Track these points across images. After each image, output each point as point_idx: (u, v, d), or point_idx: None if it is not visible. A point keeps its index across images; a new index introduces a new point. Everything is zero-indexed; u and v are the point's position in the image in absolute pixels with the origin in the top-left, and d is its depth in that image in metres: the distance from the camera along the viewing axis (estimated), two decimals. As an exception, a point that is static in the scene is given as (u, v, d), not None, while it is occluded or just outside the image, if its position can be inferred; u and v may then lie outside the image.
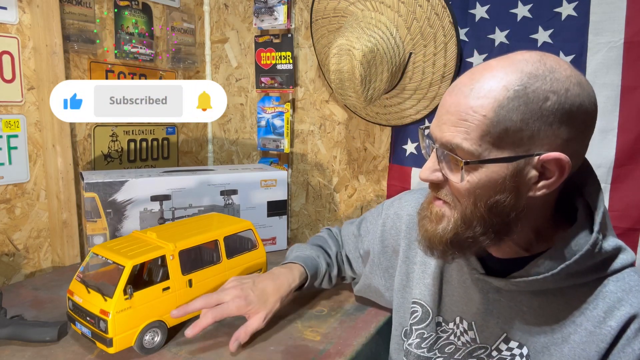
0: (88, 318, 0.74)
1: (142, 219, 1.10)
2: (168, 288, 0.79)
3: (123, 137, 1.38)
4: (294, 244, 1.00)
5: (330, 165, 1.42)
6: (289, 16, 1.37)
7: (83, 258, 1.19)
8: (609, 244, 0.57)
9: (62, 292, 0.88)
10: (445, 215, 0.59)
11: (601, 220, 0.56)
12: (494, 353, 0.64)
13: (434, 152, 0.58)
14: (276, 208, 1.27)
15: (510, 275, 0.60)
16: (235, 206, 1.21)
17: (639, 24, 0.91)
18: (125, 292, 0.72)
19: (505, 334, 0.63)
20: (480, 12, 1.07)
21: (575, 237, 0.56)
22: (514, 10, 1.03)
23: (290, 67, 1.40)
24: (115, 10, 1.31)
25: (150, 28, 1.40)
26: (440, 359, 0.70)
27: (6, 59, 1.08)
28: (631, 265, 0.58)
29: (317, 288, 0.94)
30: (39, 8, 1.09)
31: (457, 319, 0.69)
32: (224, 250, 0.89)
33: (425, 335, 0.72)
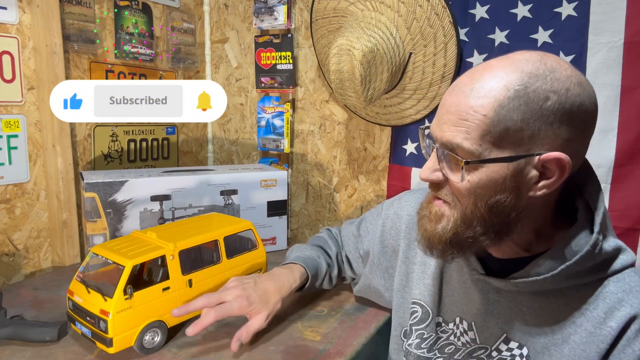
0: (88, 318, 0.74)
1: (142, 219, 1.10)
2: (168, 288, 0.79)
3: (123, 137, 1.38)
4: (294, 245, 1.00)
5: (330, 165, 1.42)
6: (289, 16, 1.37)
7: (83, 258, 1.19)
8: (609, 244, 0.57)
9: (62, 292, 0.88)
10: (445, 215, 0.59)
11: (601, 221, 0.56)
12: (494, 353, 0.64)
13: (434, 152, 0.58)
14: (276, 208, 1.27)
15: (510, 276, 0.60)
16: (235, 206, 1.21)
17: (639, 24, 0.91)
18: (125, 292, 0.72)
19: (505, 335, 0.63)
20: (480, 12, 1.07)
21: (576, 238, 0.56)
22: (514, 10, 1.03)
23: (290, 67, 1.40)
24: (115, 10, 1.31)
25: (150, 28, 1.40)
26: (440, 359, 0.70)
27: (6, 59, 1.08)
28: (631, 265, 0.58)
29: (317, 289, 0.94)
30: (39, 8, 1.09)
31: (457, 320, 0.69)
32: (224, 250, 0.89)
33: (425, 336, 0.72)
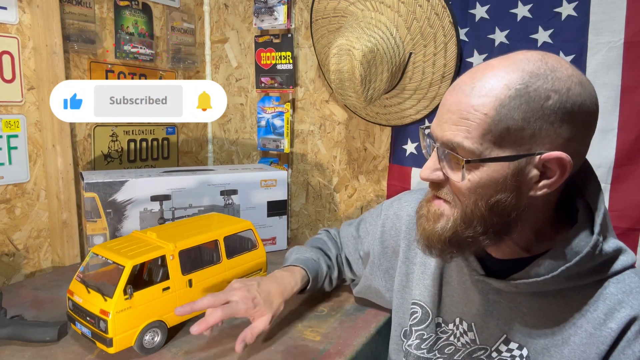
0: (88, 318, 0.74)
1: (142, 219, 1.10)
2: (168, 288, 0.79)
3: (123, 137, 1.38)
4: (293, 246, 0.99)
5: (330, 165, 1.42)
6: (289, 16, 1.37)
7: (83, 258, 1.19)
8: (610, 245, 0.56)
9: (62, 292, 0.88)
10: (445, 214, 0.58)
11: (601, 222, 0.56)
12: (494, 354, 0.64)
13: (435, 152, 0.58)
14: (276, 208, 1.27)
15: (510, 277, 0.60)
16: (235, 206, 1.21)
17: (639, 24, 0.91)
18: (125, 292, 0.72)
19: (505, 335, 0.63)
20: (480, 12, 1.07)
21: (576, 239, 0.56)
22: (514, 10, 1.03)
23: (290, 67, 1.40)
24: (115, 10, 1.31)
25: (150, 28, 1.40)
26: (439, 359, 0.70)
27: (6, 59, 1.08)
28: (631, 266, 0.58)
29: (317, 290, 0.94)
30: (39, 8, 1.09)
31: (457, 320, 0.69)
32: (224, 250, 0.89)
33: (425, 336, 0.72)
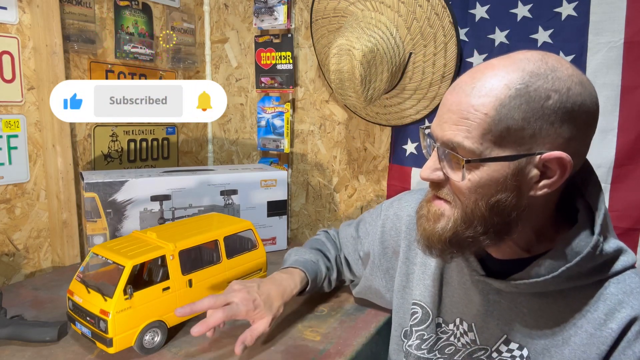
0: (88, 318, 0.74)
1: (142, 219, 1.10)
2: (168, 288, 0.79)
3: (123, 137, 1.38)
4: (292, 248, 0.99)
5: (330, 165, 1.42)
6: (289, 16, 1.37)
7: (83, 258, 1.19)
8: (610, 245, 0.56)
9: (62, 292, 0.88)
10: (445, 214, 0.58)
11: (602, 222, 0.56)
12: (494, 354, 0.64)
13: (435, 151, 0.58)
14: (276, 208, 1.27)
15: (511, 277, 0.60)
16: (235, 206, 1.21)
17: (639, 24, 0.91)
18: (125, 292, 0.72)
19: (505, 336, 0.63)
20: (480, 12, 1.07)
21: (576, 239, 0.56)
22: (514, 10, 1.03)
23: (290, 67, 1.40)
24: (115, 10, 1.31)
25: (150, 28, 1.40)
26: (440, 359, 0.70)
27: (6, 59, 1.08)
28: (632, 267, 0.58)
29: (316, 292, 0.94)
30: (39, 8, 1.09)
31: (457, 320, 0.69)
32: (224, 250, 0.89)
33: (425, 337, 0.72)
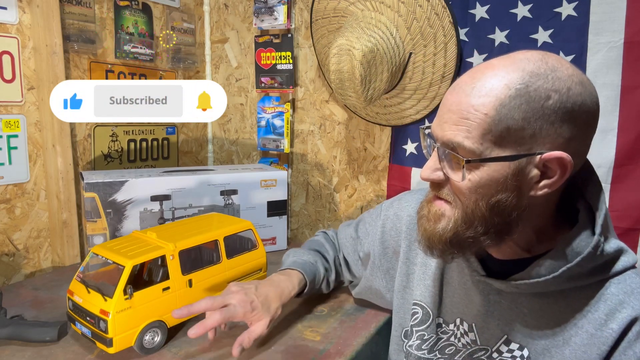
0: (88, 318, 0.74)
1: (142, 219, 1.10)
2: (168, 288, 0.79)
3: (123, 137, 1.38)
4: (290, 249, 0.99)
5: (330, 165, 1.42)
6: (289, 16, 1.37)
7: (83, 258, 1.19)
8: (611, 246, 0.56)
9: (62, 292, 0.88)
10: (446, 215, 0.58)
11: (603, 222, 0.56)
12: (495, 355, 0.63)
13: (435, 152, 0.58)
14: (276, 208, 1.27)
15: (511, 277, 0.60)
16: (235, 206, 1.21)
17: (639, 24, 0.91)
18: (125, 292, 0.72)
19: (505, 336, 0.63)
20: (480, 12, 1.07)
21: (577, 239, 0.56)
22: (514, 10, 1.03)
23: (290, 67, 1.40)
24: (115, 10, 1.31)
25: (150, 28, 1.40)
26: None
27: (6, 59, 1.08)
28: (632, 267, 0.58)
29: (315, 293, 0.93)
30: (39, 8, 1.09)
31: (458, 321, 0.69)
32: (224, 250, 0.89)
33: (425, 337, 0.72)
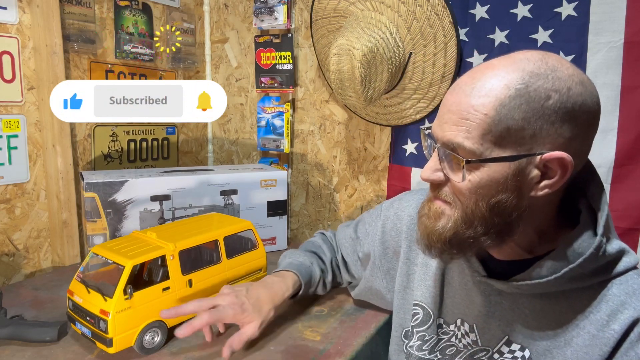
0: (88, 318, 0.74)
1: (142, 219, 1.10)
2: (168, 288, 0.79)
3: (123, 137, 1.38)
4: (286, 250, 0.99)
5: (330, 165, 1.42)
6: (289, 16, 1.37)
7: (83, 258, 1.19)
8: (613, 247, 0.56)
9: (62, 292, 0.88)
10: (445, 214, 0.58)
11: (604, 223, 0.55)
12: (496, 355, 0.63)
13: (436, 152, 0.57)
14: (276, 208, 1.27)
15: (512, 278, 0.59)
16: (235, 206, 1.21)
17: (639, 24, 0.91)
18: (125, 292, 0.72)
19: (507, 337, 0.63)
20: (480, 12, 1.07)
21: (579, 240, 0.55)
22: (514, 10, 1.03)
23: (290, 67, 1.40)
24: (115, 11, 1.31)
25: (150, 28, 1.40)
26: None
27: (6, 59, 1.08)
28: (634, 268, 0.58)
29: (311, 295, 0.93)
30: (39, 8, 1.09)
31: (459, 321, 0.69)
32: (224, 250, 0.89)
33: (426, 338, 0.72)
